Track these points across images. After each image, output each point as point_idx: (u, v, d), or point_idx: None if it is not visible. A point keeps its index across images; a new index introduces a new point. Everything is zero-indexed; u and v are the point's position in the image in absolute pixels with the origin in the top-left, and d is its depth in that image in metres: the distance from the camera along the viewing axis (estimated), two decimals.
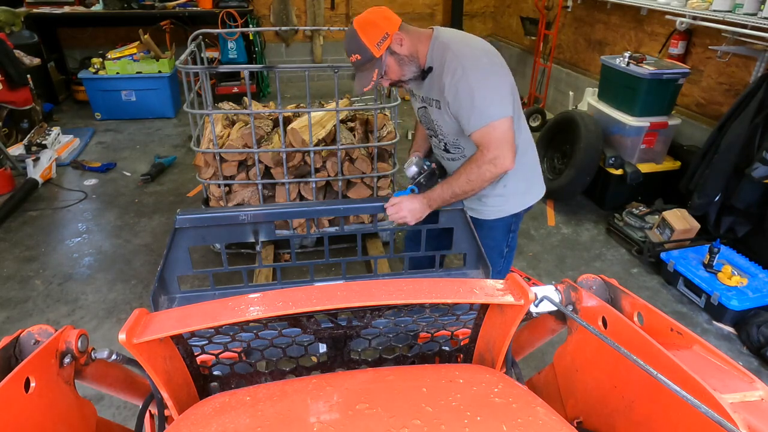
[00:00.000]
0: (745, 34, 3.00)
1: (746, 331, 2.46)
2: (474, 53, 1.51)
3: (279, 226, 2.76)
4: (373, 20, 1.49)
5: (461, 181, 1.55)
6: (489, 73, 1.50)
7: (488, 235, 1.82)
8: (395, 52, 1.52)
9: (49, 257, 3.07)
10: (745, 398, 0.65)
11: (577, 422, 0.95)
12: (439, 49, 1.53)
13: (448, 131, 1.64)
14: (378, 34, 1.47)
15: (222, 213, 1.51)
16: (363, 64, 1.52)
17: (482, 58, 1.51)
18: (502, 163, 1.50)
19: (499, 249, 1.86)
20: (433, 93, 1.60)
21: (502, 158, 1.49)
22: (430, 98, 1.62)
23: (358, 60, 1.51)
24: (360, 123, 2.88)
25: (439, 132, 1.68)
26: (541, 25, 5.32)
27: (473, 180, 1.53)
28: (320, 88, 6.07)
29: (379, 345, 1.11)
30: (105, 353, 0.89)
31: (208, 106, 2.62)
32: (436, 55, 1.54)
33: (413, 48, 1.54)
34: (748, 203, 2.76)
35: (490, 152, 1.49)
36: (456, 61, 1.48)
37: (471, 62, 1.48)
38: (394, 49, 1.51)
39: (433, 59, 1.55)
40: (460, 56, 1.49)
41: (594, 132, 3.39)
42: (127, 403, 1.97)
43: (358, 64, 1.53)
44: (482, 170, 1.51)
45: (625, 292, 0.90)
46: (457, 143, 1.67)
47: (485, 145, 1.50)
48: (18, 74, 4.01)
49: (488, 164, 1.50)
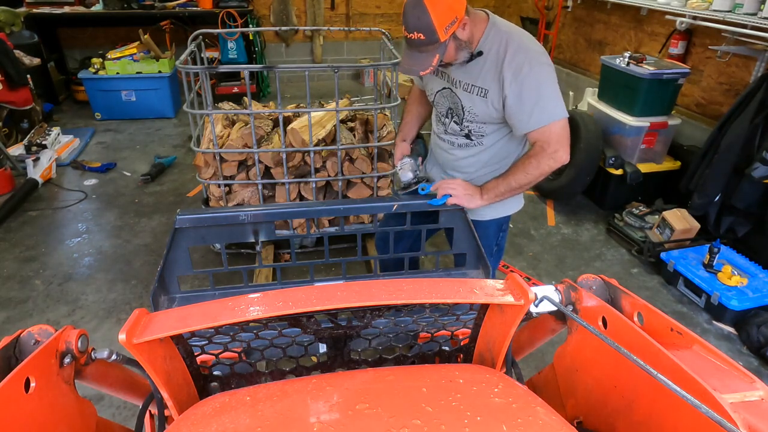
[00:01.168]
0: (745, 34, 3.00)
1: (746, 331, 2.45)
2: (537, 50, 1.49)
3: (279, 226, 2.76)
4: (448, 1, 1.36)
5: (518, 175, 1.56)
6: (549, 72, 1.49)
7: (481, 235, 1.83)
8: (457, 37, 1.45)
9: (49, 257, 3.07)
10: (745, 398, 0.65)
11: (577, 422, 0.95)
12: (498, 38, 1.49)
13: (482, 119, 1.60)
14: (450, 16, 1.36)
15: (222, 213, 1.51)
16: (423, 45, 1.40)
17: (544, 56, 1.50)
18: (561, 157, 1.51)
19: (489, 248, 1.89)
20: (478, 80, 1.55)
21: (562, 153, 1.51)
22: (472, 84, 1.56)
23: (420, 39, 1.38)
24: (360, 123, 2.88)
25: (466, 118, 1.63)
26: (541, 25, 5.32)
27: (531, 173, 1.54)
28: (320, 88, 6.07)
29: (379, 345, 1.11)
30: (105, 353, 0.89)
31: (208, 106, 2.62)
32: (493, 43, 1.49)
33: (470, 33, 1.49)
34: (748, 203, 2.76)
35: (551, 147, 1.49)
36: (522, 56, 1.45)
37: (537, 59, 1.46)
38: (457, 34, 1.43)
39: (488, 46, 1.50)
40: (527, 52, 1.46)
41: (594, 132, 3.39)
42: (127, 403, 1.97)
43: (418, 43, 1.40)
44: (542, 164, 1.52)
45: (625, 292, 0.90)
46: (482, 131, 1.64)
47: (546, 140, 1.50)
48: (18, 74, 4.01)
49: (548, 159, 1.51)
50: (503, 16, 1.61)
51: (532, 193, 3.84)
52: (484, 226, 1.82)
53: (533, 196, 3.82)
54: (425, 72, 1.45)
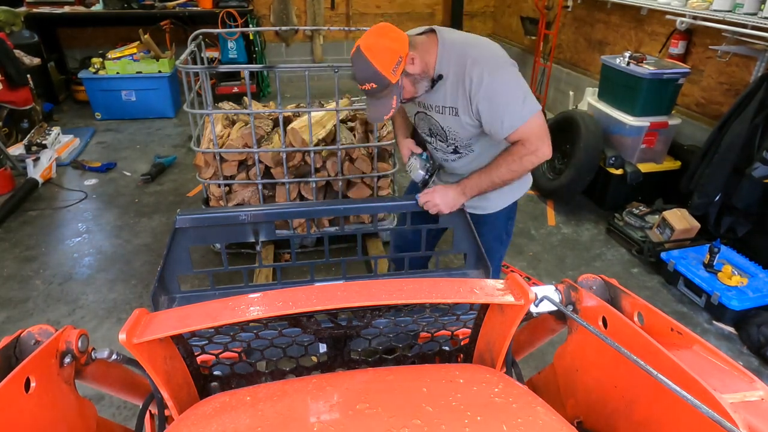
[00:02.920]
0: (745, 34, 3.00)
1: (746, 330, 2.45)
2: (491, 55, 1.49)
3: (279, 226, 2.76)
4: (385, 45, 1.40)
5: (502, 171, 1.55)
6: (510, 73, 1.48)
7: (491, 228, 1.86)
8: (409, 73, 1.47)
9: (49, 257, 3.07)
10: (745, 398, 0.65)
11: (577, 422, 0.95)
12: (452, 56, 1.49)
13: (464, 135, 1.61)
14: (392, 59, 1.39)
15: (222, 213, 1.51)
16: (379, 92, 1.45)
17: (499, 59, 1.49)
18: (543, 153, 1.50)
19: (500, 237, 1.91)
20: (446, 101, 1.55)
21: (543, 148, 1.50)
22: (442, 106, 1.58)
23: (373, 88, 1.43)
24: (360, 123, 2.88)
25: (449, 136, 1.64)
26: (541, 25, 5.32)
27: (515, 170, 1.54)
28: (320, 88, 6.06)
29: (379, 345, 1.11)
30: (105, 353, 0.89)
31: (208, 106, 2.62)
32: (449, 63, 1.49)
33: (423, 63, 1.49)
34: (748, 203, 2.76)
35: (532, 144, 1.49)
36: (478, 67, 1.44)
37: (492, 66, 1.46)
38: (408, 71, 1.46)
39: (445, 67, 1.50)
40: (481, 62, 1.45)
41: (594, 132, 3.39)
42: (127, 403, 1.97)
43: (374, 92, 1.45)
44: (524, 161, 1.51)
45: (626, 292, 0.90)
46: (470, 145, 1.65)
47: (525, 139, 1.49)
48: (18, 74, 4.01)
49: (530, 155, 1.50)
50: (503, 17, 1.62)
51: (533, 192, 3.84)
52: (493, 218, 1.83)
53: (533, 196, 3.82)
54: (389, 116, 1.50)
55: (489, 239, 1.85)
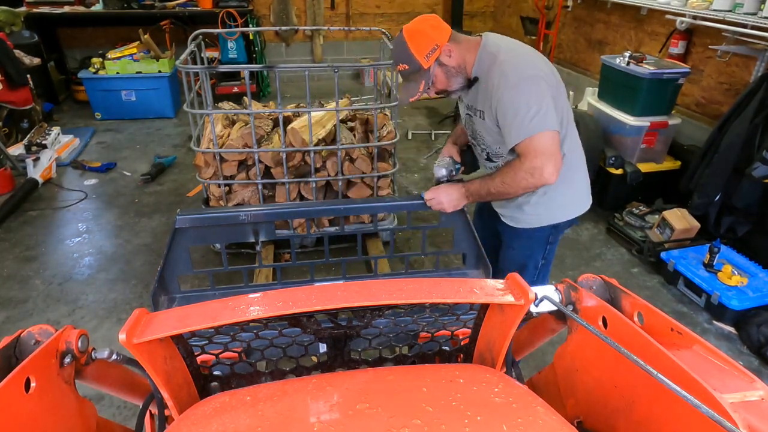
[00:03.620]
0: (745, 34, 3.00)
1: (746, 330, 2.45)
2: (518, 66, 1.46)
3: (279, 226, 2.76)
4: (424, 30, 1.45)
5: (496, 182, 1.53)
6: (534, 85, 1.44)
7: (525, 245, 1.78)
8: (444, 64, 1.49)
9: (49, 257, 3.07)
10: (745, 398, 0.65)
11: (577, 422, 0.95)
12: (486, 60, 1.49)
13: (490, 141, 1.61)
14: (428, 44, 1.44)
15: (222, 213, 1.51)
16: (410, 74, 1.50)
17: (528, 70, 1.46)
18: (540, 174, 1.43)
19: (534, 260, 1.80)
20: (478, 103, 1.57)
21: (540, 170, 1.43)
22: (475, 108, 1.59)
23: (405, 69, 1.49)
24: (360, 123, 2.88)
25: (481, 141, 1.65)
26: (541, 25, 5.32)
27: (507, 183, 1.51)
28: (320, 88, 6.06)
29: (380, 345, 1.11)
30: (105, 353, 0.89)
31: (208, 106, 2.62)
32: (483, 66, 1.50)
33: (461, 59, 1.51)
34: (748, 203, 2.76)
35: (528, 161, 1.44)
36: (502, 73, 1.44)
37: (515, 74, 1.44)
38: (443, 61, 1.49)
39: (480, 70, 1.51)
40: (505, 68, 1.45)
41: (594, 132, 3.39)
42: (127, 403, 1.97)
43: (405, 73, 1.51)
44: (518, 177, 1.47)
45: (626, 291, 0.90)
46: (499, 152, 1.63)
47: (524, 154, 1.45)
48: (18, 74, 4.01)
49: (524, 173, 1.45)
50: (503, 17, 1.63)
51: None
52: (528, 236, 1.74)
53: None
54: (413, 98, 1.53)
55: (520, 256, 1.80)
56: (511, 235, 1.79)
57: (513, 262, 1.82)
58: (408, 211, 1.74)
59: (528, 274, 1.81)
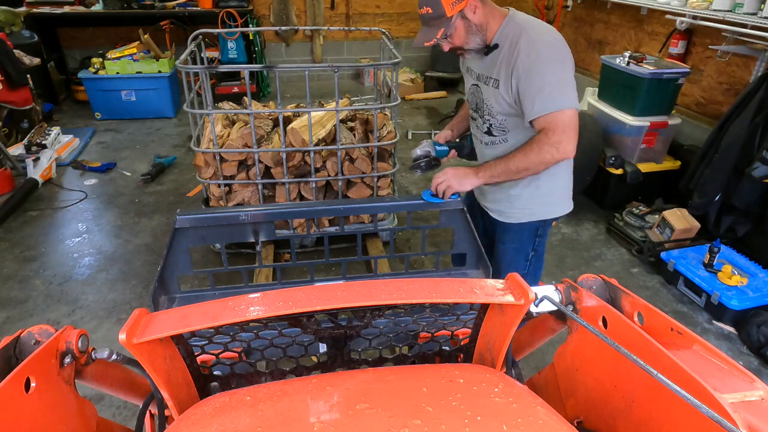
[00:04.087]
0: (745, 34, 3.00)
1: (746, 330, 2.45)
2: (550, 41, 1.49)
3: (279, 226, 2.76)
4: None
5: (518, 158, 1.53)
6: (563, 63, 1.48)
7: (514, 238, 1.81)
8: (466, 18, 1.50)
9: (49, 257, 3.07)
10: (745, 398, 0.65)
11: (577, 422, 0.95)
12: (513, 30, 1.51)
13: (498, 111, 1.61)
14: None
15: (222, 213, 1.51)
16: (431, 19, 1.50)
17: (558, 46, 1.49)
18: (565, 148, 1.47)
19: (524, 252, 1.83)
20: (493, 72, 1.57)
21: (566, 143, 1.46)
22: (488, 76, 1.59)
23: (428, 13, 1.49)
24: (360, 123, 2.88)
25: (487, 112, 1.65)
26: None
27: (530, 158, 1.51)
28: (320, 88, 6.07)
29: (380, 345, 1.11)
30: (105, 353, 0.89)
31: (208, 105, 2.62)
32: (508, 35, 1.51)
33: (485, 19, 1.52)
34: (748, 203, 2.76)
35: (555, 135, 1.46)
36: (532, 45, 1.46)
37: (547, 49, 1.46)
38: (467, 14, 1.50)
39: (503, 38, 1.53)
40: (537, 41, 1.47)
41: (594, 131, 3.39)
42: (127, 403, 1.97)
43: (427, 17, 1.50)
44: (543, 151, 1.48)
45: (626, 291, 0.90)
46: (503, 125, 1.63)
47: (550, 128, 1.47)
48: (18, 74, 4.01)
49: (551, 146, 1.47)
50: None
51: None
52: (516, 229, 1.78)
53: None
54: (429, 43, 1.52)
55: (510, 249, 1.83)
56: (501, 229, 1.82)
57: (504, 255, 1.86)
58: (408, 211, 1.74)
59: (519, 266, 1.84)
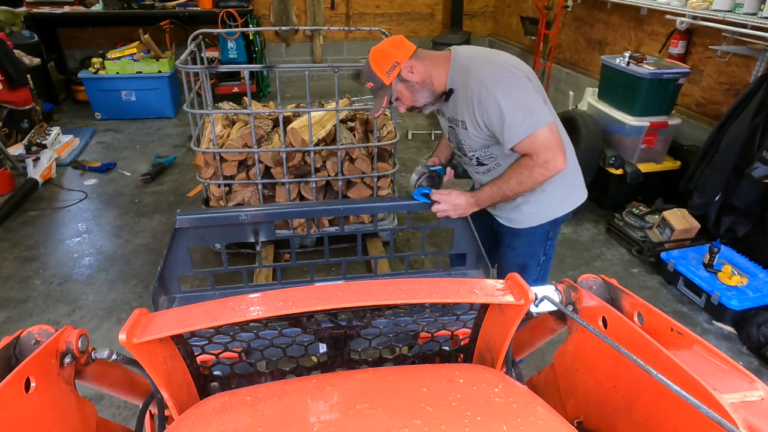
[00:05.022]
0: (745, 34, 3.00)
1: (746, 330, 2.45)
2: (494, 70, 1.50)
3: (279, 226, 2.76)
4: (385, 50, 1.54)
5: (511, 183, 1.55)
6: (516, 86, 1.48)
7: (525, 243, 1.80)
8: (406, 80, 1.55)
9: (49, 257, 3.07)
10: (745, 398, 0.65)
11: (577, 422, 0.95)
12: (459, 72, 1.54)
13: (478, 146, 1.64)
14: (387, 62, 1.53)
15: (222, 213, 1.51)
16: (376, 91, 1.59)
17: (503, 73, 1.50)
18: (554, 165, 1.48)
19: (536, 257, 1.82)
20: (458, 114, 1.60)
21: (553, 160, 1.48)
22: (456, 119, 1.63)
23: (372, 87, 1.59)
24: (360, 123, 2.88)
25: (468, 150, 1.68)
26: (541, 25, 5.32)
27: (524, 182, 1.53)
28: (320, 88, 6.06)
29: (379, 345, 1.11)
30: (105, 353, 0.89)
31: (208, 106, 2.62)
32: (458, 78, 1.54)
33: (426, 74, 1.56)
34: (748, 203, 2.76)
35: (540, 156, 1.47)
36: (480, 82, 1.48)
37: (493, 80, 1.47)
38: (405, 77, 1.54)
39: (455, 82, 1.56)
40: (483, 77, 1.48)
41: (594, 132, 3.39)
42: (127, 403, 1.97)
43: (373, 90, 1.60)
44: (534, 173, 1.50)
45: (625, 291, 0.90)
46: (490, 154, 1.65)
47: (533, 152, 1.48)
48: (18, 74, 4.01)
49: (540, 167, 1.49)
50: (503, 16, 1.64)
51: None
52: (527, 234, 1.77)
53: None
54: (378, 113, 1.62)
55: (522, 255, 1.82)
56: (511, 235, 1.80)
57: (515, 261, 1.84)
58: (408, 211, 1.74)
59: (531, 271, 1.84)
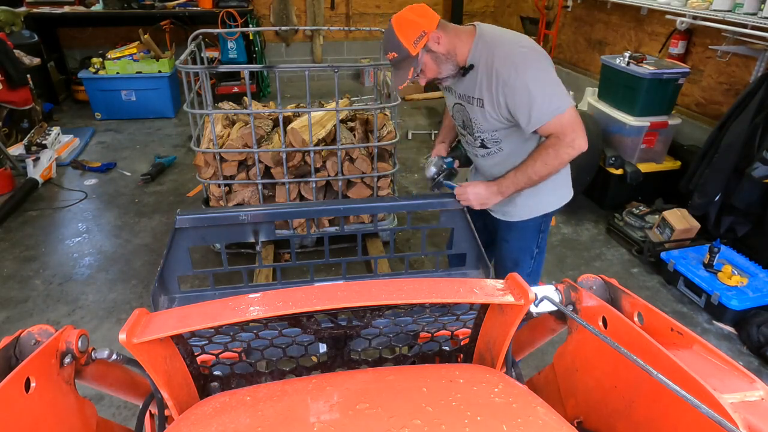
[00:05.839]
0: (745, 34, 3.00)
1: (746, 330, 2.45)
2: (522, 51, 1.50)
3: (279, 226, 2.76)
4: (411, 18, 1.48)
5: (537, 165, 1.55)
6: (542, 68, 1.50)
7: (519, 236, 1.82)
8: (432, 50, 1.52)
9: (49, 257, 3.07)
10: (745, 398, 0.65)
11: (577, 422, 0.95)
12: (485, 49, 1.52)
13: (487, 127, 1.63)
14: (415, 32, 1.47)
15: (222, 213, 1.51)
16: (399, 62, 1.53)
17: (531, 53, 1.50)
18: (580, 144, 1.50)
19: (529, 250, 1.85)
20: (475, 92, 1.58)
21: (579, 139, 1.49)
22: (471, 96, 1.61)
23: (394, 58, 1.52)
24: (360, 123, 2.88)
25: (476, 129, 1.67)
26: (541, 25, 5.32)
27: (550, 163, 1.53)
28: (320, 88, 6.07)
29: (379, 345, 1.11)
30: (105, 353, 0.89)
31: (208, 106, 2.62)
32: (481, 54, 1.52)
33: (451, 46, 1.53)
34: (748, 203, 2.76)
35: (567, 136, 1.49)
36: (508, 61, 1.47)
37: (523, 61, 1.47)
38: (431, 48, 1.51)
39: (477, 59, 1.54)
40: (511, 56, 1.48)
41: (594, 132, 3.39)
42: (127, 403, 1.97)
43: (395, 61, 1.54)
44: (560, 153, 1.51)
45: (625, 292, 0.90)
46: (495, 137, 1.65)
47: (560, 131, 1.49)
48: (18, 74, 4.01)
49: (567, 147, 1.50)
50: (503, 16, 1.64)
51: None
52: (520, 227, 1.80)
53: None
54: (402, 85, 1.56)
55: (515, 248, 1.84)
56: (505, 229, 1.83)
57: (509, 255, 1.87)
58: (408, 211, 1.74)
59: (525, 264, 1.87)
